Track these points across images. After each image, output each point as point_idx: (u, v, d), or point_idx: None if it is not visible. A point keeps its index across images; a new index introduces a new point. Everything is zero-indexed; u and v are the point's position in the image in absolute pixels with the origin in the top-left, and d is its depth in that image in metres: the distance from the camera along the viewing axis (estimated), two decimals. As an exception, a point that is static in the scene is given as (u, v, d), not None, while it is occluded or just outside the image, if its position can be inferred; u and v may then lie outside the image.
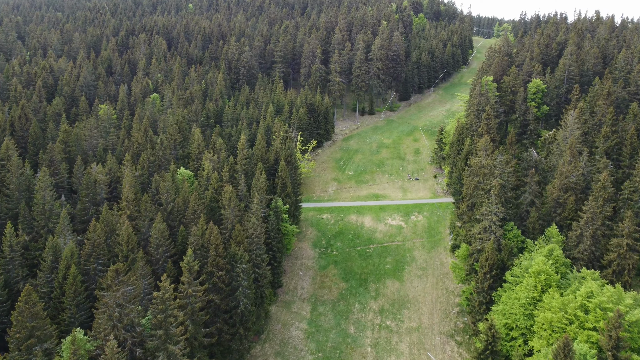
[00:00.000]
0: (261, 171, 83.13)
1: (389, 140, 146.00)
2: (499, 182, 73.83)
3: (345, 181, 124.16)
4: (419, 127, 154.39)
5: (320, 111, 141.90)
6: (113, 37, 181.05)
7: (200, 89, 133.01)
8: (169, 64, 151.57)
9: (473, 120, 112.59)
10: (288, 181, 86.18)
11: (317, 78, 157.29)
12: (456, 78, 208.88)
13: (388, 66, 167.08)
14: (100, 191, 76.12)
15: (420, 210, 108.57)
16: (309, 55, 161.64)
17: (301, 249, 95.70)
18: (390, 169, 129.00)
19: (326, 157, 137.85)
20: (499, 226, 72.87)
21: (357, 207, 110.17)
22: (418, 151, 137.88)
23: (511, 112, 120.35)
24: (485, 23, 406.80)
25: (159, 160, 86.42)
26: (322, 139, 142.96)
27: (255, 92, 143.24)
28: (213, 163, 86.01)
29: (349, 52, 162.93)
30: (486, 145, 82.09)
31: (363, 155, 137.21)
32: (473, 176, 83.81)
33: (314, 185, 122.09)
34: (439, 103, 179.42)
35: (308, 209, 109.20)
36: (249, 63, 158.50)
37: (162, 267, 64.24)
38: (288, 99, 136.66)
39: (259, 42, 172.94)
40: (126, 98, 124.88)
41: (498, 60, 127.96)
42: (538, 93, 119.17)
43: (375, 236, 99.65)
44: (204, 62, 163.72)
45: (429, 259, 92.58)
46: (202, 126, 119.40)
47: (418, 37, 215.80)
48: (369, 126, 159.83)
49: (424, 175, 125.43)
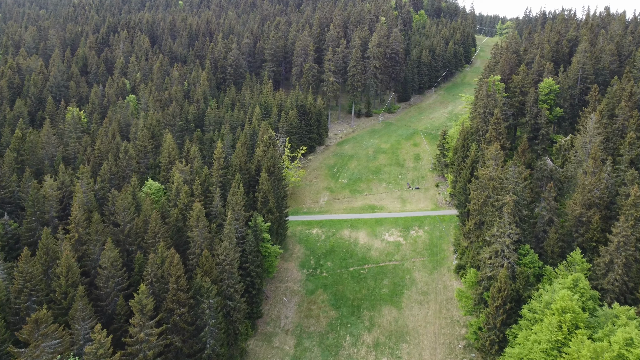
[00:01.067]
0: (238, 184, 73.16)
1: (386, 145, 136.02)
2: (513, 199, 63.85)
3: (339, 190, 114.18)
4: (419, 131, 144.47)
5: (313, 113, 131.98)
6: (93, 34, 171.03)
7: (180, 90, 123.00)
8: (150, 62, 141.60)
9: (479, 124, 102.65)
10: (270, 195, 76.20)
11: (310, 78, 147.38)
12: (459, 78, 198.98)
13: (386, 65, 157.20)
14: (50, 209, 66.08)
15: (421, 224, 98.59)
16: (301, 53, 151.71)
17: (287, 270, 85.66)
18: (388, 177, 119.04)
19: (318, 163, 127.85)
20: (513, 250, 62.88)
21: (351, 221, 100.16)
22: (418, 157, 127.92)
23: (520, 114, 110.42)
24: (487, 21, 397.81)
25: (123, 172, 76.41)
26: (314, 144, 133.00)
27: (242, 93, 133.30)
28: (185, 174, 76.02)
29: (344, 50, 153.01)
30: (496, 154, 72.12)
31: (358, 162, 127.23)
32: (481, 189, 73.83)
33: (304, 196, 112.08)
34: (441, 104, 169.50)
35: (296, 223, 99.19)
36: (236, 61, 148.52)
37: (112, 303, 54.21)
38: (277, 101, 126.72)
39: (249, 39, 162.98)
40: (98, 100, 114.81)
41: (505, 58, 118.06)
42: (550, 94, 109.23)
43: (370, 255, 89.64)
44: (188, 60, 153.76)
45: (430, 282, 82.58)
46: (181, 130, 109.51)
47: (418, 34, 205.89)
48: (366, 129, 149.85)
49: (424, 184, 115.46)
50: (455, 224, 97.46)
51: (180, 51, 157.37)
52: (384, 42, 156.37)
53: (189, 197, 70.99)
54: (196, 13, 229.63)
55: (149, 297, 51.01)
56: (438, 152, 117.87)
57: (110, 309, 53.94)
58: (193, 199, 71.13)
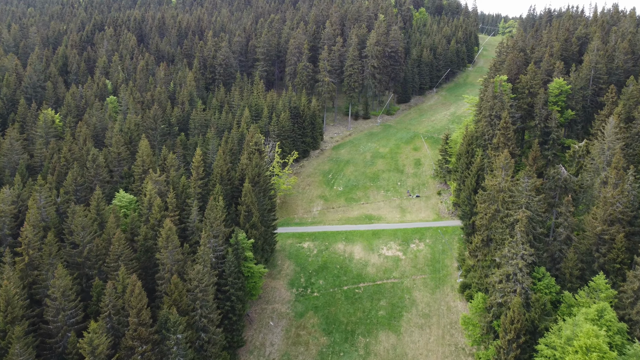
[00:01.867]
0: (218, 196, 65.95)
1: (385, 149, 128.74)
2: (526, 215, 56.60)
3: (334, 199, 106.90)
4: (419, 134, 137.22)
5: (306, 116, 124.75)
6: (78, 32, 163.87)
7: (165, 91, 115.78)
8: (134, 62, 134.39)
9: (485, 128, 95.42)
10: (254, 208, 68.93)
11: (304, 78, 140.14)
12: (461, 77, 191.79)
13: (385, 64, 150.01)
14: (3, 226, 58.85)
15: (422, 236, 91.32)
16: (295, 52, 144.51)
17: (274, 289, 78.38)
18: (387, 184, 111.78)
19: (312, 169, 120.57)
20: (527, 273, 55.62)
21: (346, 233, 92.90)
22: (419, 162, 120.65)
23: (529, 117, 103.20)
24: (488, 20, 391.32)
25: (91, 182, 69.17)
26: (308, 148, 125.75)
27: (231, 94, 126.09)
28: (160, 185, 68.76)
29: (341, 49, 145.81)
30: (506, 163, 64.85)
31: (355, 167, 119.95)
32: (489, 202, 66.56)
33: (295, 205, 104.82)
34: (443, 106, 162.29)
35: (287, 235, 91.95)
36: (227, 61, 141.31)
37: (63, 341, 46.92)
38: (268, 102, 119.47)
39: (240, 37, 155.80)
40: (75, 101, 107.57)
41: (512, 57, 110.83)
42: (561, 95, 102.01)
43: (366, 271, 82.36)
44: (176, 60, 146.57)
45: (432, 303, 75.31)
46: (163, 135, 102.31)
47: (419, 32, 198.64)
48: (363, 132, 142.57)
49: (425, 192, 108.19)
50: (459, 237, 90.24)
51: (167, 50, 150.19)
52: (382, 40, 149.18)
53: (163, 211, 63.78)
54: (188, 11, 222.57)
55: (103, 334, 43.79)
56: (440, 158, 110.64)
57: (61, 348, 46.67)
58: (167, 214, 63.93)
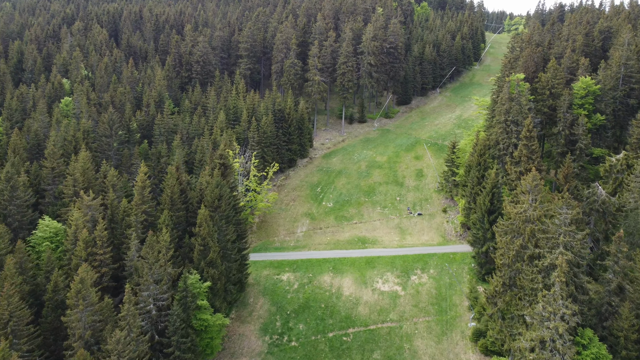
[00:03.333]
0: (164, 227, 51.95)
1: (382, 157, 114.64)
2: (567, 259, 42.54)
3: (322, 217, 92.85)
4: (421, 140, 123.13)
5: (293, 120, 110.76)
6: (43, 27, 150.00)
7: (128, 92, 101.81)
8: (98, 58, 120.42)
9: (499, 135, 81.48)
10: (212, 241, 54.82)
11: (292, 77, 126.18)
12: (467, 77, 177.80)
13: (383, 61, 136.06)
14: None
15: (425, 265, 77.25)
16: (282, 48, 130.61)
17: (242, 337, 64.25)
18: (384, 199, 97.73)
19: (299, 181, 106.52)
20: (569, 340, 41.52)
21: (335, 261, 78.80)
22: (421, 173, 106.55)
23: (550, 123, 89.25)
24: (493, 18, 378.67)
25: (4, 209, 55.13)
26: (294, 157, 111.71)
27: (208, 94, 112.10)
28: (93, 211, 54.74)
29: (333, 44, 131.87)
30: (534, 186, 50.75)
31: (348, 179, 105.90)
32: (512, 235, 52.47)
33: (277, 225, 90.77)
34: (447, 108, 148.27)
35: (263, 264, 77.90)
36: (204, 57, 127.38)
37: None
38: (248, 104, 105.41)
39: (222, 31, 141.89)
40: (20, 104, 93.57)
41: (529, 53, 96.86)
42: (587, 96, 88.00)
43: (357, 312, 68.29)
44: (149, 56, 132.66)
45: (438, 355, 61.26)
46: (121, 143, 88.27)
47: (421, 27, 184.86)
48: (358, 138, 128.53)
49: (429, 209, 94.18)
50: (469, 266, 76.22)
51: (140, 45, 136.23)
52: (380, 34, 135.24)
53: (91, 247, 49.77)
54: (172, 4, 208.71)
55: None
56: (446, 169, 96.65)
57: None
58: (95, 251, 49.92)
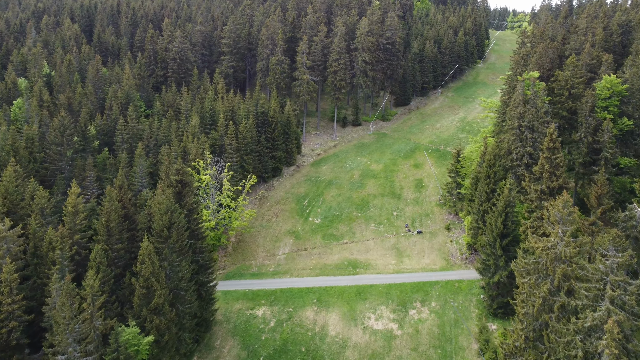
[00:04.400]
0: (94, 266, 41.18)
1: (378, 165, 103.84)
2: (617, 321, 31.70)
3: (308, 236, 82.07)
4: (421, 146, 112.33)
5: (277, 123, 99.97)
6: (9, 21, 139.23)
7: (91, 93, 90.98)
8: (61, 55, 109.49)
9: (512, 144, 70.73)
10: (158, 282, 43.89)
11: (278, 75, 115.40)
12: (470, 75, 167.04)
13: (379, 59, 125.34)
14: None
15: (426, 296, 66.51)
16: (268, 44, 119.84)
17: (203, 392, 53.49)
18: (379, 214, 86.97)
19: (284, 192, 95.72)
20: None
21: (320, 291, 68.01)
22: (421, 184, 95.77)
23: (570, 128, 78.41)
24: (496, 15, 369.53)
25: None
26: (279, 165, 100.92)
27: (181, 95, 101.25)
28: (10, 245, 43.90)
29: (324, 39, 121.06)
30: (566, 214, 39.91)
31: (339, 190, 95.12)
32: (538, 276, 41.61)
33: (255, 245, 79.95)
34: (449, 109, 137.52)
35: (236, 295, 67.13)
36: (182, 54, 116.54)
37: None
38: (226, 106, 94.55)
39: (204, 26, 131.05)
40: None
41: (544, 48, 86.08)
42: (613, 98, 77.15)
43: (344, 357, 57.47)
44: (121, 53, 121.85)
45: (442, 417, 50.46)
46: (77, 152, 77.41)
47: (421, 23, 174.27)
48: (352, 143, 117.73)
49: (430, 226, 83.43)
50: (478, 298, 65.55)
51: (112, 41, 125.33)
52: (376, 29, 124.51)
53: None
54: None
55: None
56: (449, 181, 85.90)
57: None
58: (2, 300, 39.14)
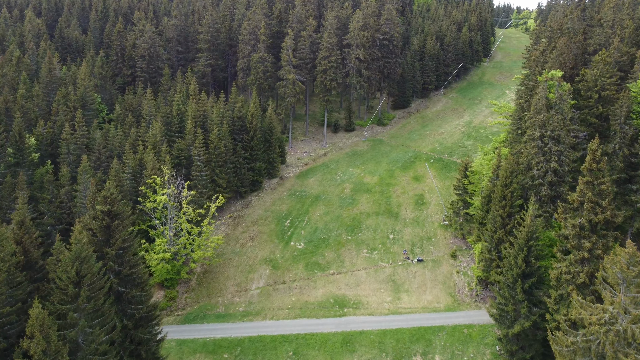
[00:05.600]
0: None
1: (372, 177, 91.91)
2: None
3: (288, 265, 70.10)
4: (422, 154, 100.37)
5: (257, 130, 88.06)
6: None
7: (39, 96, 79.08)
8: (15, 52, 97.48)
9: (533, 157, 58.85)
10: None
11: (260, 74, 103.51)
12: (475, 75, 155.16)
13: (375, 56, 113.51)
14: None
15: (428, 347, 54.55)
16: (249, 39, 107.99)
17: None
18: (373, 238, 75.02)
19: (263, 210, 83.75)
20: None
21: (298, 341, 56.02)
22: (421, 200, 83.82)
23: (600, 138, 66.39)
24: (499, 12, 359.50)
25: None
26: (259, 178, 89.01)
27: (147, 97, 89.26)
28: None
29: (313, 34, 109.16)
30: (631, 276, 27.84)
31: (327, 208, 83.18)
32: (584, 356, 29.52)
33: (225, 277, 67.94)
34: (453, 112, 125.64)
35: (194, 347, 55.12)
36: (151, 50, 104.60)
37: None
38: (194, 111, 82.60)
39: (179, 20, 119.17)
40: None
41: (566, 43, 74.25)
42: (650, 101, 65.23)
43: None
44: (85, 50, 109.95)
45: None
46: (10, 167, 65.47)
47: (421, 17, 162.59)
48: (344, 151, 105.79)
49: (433, 252, 71.50)
50: (493, 350, 53.58)
51: (76, 37, 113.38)
52: (372, 23, 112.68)
53: None
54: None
55: None
56: (456, 198, 73.93)
57: None
58: None
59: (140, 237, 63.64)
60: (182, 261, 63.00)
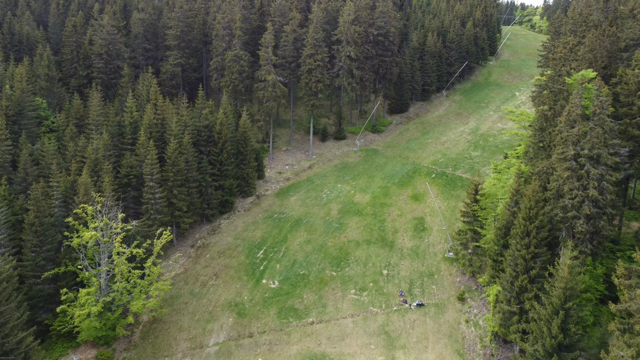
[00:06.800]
0: None
1: (364, 196, 79.35)
2: None
3: (256, 311, 57.58)
4: (422, 168, 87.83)
5: (227, 141, 75.56)
6: None
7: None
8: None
9: (566, 182, 46.29)
10: None
11: (235, 75, 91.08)
12: (481, 75, 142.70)
13: (369, 54, 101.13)
14: None
15: None
16: (224, 35, 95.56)
17: None
18: (363, 274, 62.51)
19: (233, 237, 71.21)
20: None
21: (260, 423, 43.50)
22: (422, 225, 71.24)
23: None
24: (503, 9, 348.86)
25: None
26: (230, 197, 76.50)
27: (92, 103, 76.67)
28: None
29: (297, 29, 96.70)
30: None
31: (309, 234, 70.65)
32: None
33: (176, 329, 55.35)
34: (457, 117, 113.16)
35: None
36: (109, 48, 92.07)
37: None
38: (148, 120, 70.03)
39: (146, 13, 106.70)
40: None
41: (596, 38, 61.91)
42: None
43: None
44: (37, 48, 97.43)
45: None
46: None
47: (421, 12, 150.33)
48: (332, 163, 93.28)
49: (435, 294, 59.01)
50: None
51: (27, 33, 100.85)
52: (365, 16, 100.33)
53: None
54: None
55: None
56: (463, 227, 61.26)
57: None
58: None
59: (68, 281, 51.31)
60: (118, 312, 50.45)
